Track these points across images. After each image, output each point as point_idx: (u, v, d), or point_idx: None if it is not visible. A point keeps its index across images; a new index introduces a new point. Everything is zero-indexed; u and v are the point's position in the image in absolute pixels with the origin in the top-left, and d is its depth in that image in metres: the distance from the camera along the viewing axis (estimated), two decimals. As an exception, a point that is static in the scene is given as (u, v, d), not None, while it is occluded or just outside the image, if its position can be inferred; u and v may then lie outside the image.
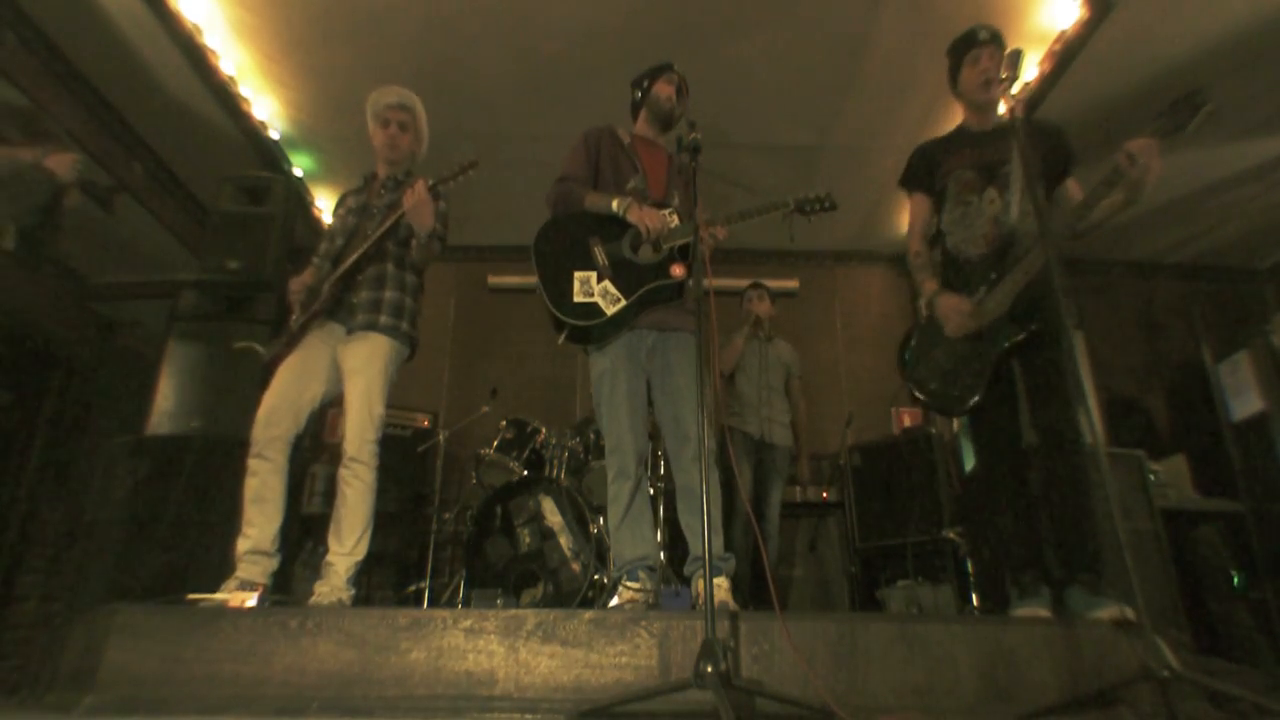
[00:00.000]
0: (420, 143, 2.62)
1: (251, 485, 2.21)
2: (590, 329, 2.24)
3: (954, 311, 2.21)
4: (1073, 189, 2.19)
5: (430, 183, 2.31)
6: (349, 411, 2.30)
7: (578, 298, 2.23)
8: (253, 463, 2.21)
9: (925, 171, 2.40)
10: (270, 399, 2.26)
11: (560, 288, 2.25)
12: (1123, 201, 1.96)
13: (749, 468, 3.69)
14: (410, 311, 2.46)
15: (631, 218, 2.26)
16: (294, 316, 2.41)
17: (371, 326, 2.34)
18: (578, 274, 2.26)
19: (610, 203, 2.31)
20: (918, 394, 2.35)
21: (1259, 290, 5.31)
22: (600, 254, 2.29)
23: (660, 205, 2.33)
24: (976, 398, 2.16)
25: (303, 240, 3.48)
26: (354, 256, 2.35)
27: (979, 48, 2.31)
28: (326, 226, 2.62)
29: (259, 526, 2.19)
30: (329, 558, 2.21)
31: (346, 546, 2.20)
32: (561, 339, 2.31)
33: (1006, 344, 2.13)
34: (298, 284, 2.45)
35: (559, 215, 2.40)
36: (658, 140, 2.57)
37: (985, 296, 2.17)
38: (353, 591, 2.20)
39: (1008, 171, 2.16)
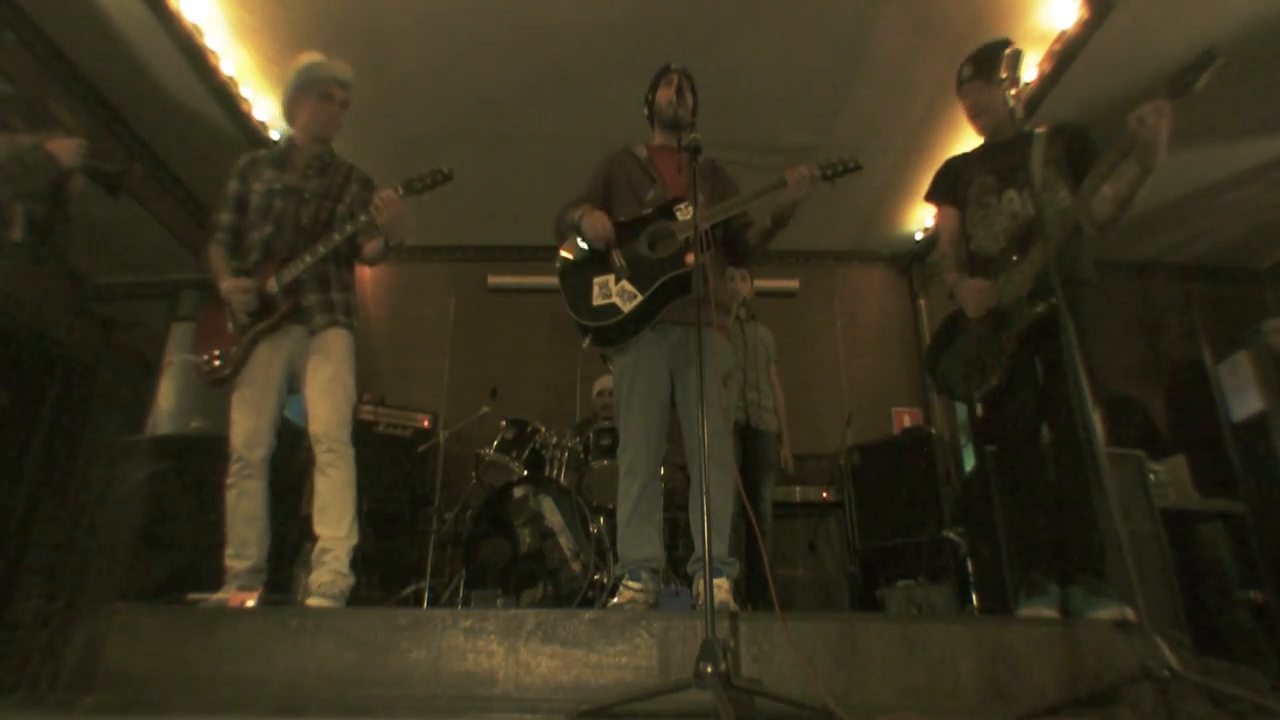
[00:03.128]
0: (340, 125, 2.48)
1: (244, 505, 2.17)
2: (608, 328, 2.27)
3: (973, 292, 2.25)
4: (1112, 155, 2.18)
5: (400, 190, 2.24)
6: (320, 396, 2.22)
7: (596, 301, 2.27)
8: (243, 483, 2.18)
9: (948, 184, 2.45)
10: (248, 421, 2.20)
11: (581, 295, 2.31)
12: (1139, 172, 1.97)
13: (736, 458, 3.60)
14: (355, 308, 2.42)
15: (584, 227, 2.31)
16: (237, 321, 2.27)
17: (334, 324, 2.31)
18: (596, 280, 2.31)
19: (575, 215, 2.35)
20: (938, 382, 2.40)
21: (1259, 290, 5.31)
22: (618, 257, 2.32)
23: (676, 202, 2.34)
24: (994, 382, 2.18)
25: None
26: (305, 263, 2.23)
27: (960, 88, 2.40)
28: (230, 193, 2.40)
29: (254, 545, 2.17)
30: (323, 544, 2.14)
31: (342, 531, 2.16)
32: (586, 343, 2.35)
33: (1026, 323, 2.12)
34: (241, 285, 2.24)
35: (561, 240, 2.44)
36: (673, 144, 2.57)
37: (1005, 279, 2.19)
38: (353, 579, 2.16)
39: (1025, 173, 2.19)
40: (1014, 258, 2.18)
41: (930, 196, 2.53)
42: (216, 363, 2.27)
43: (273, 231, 2.31)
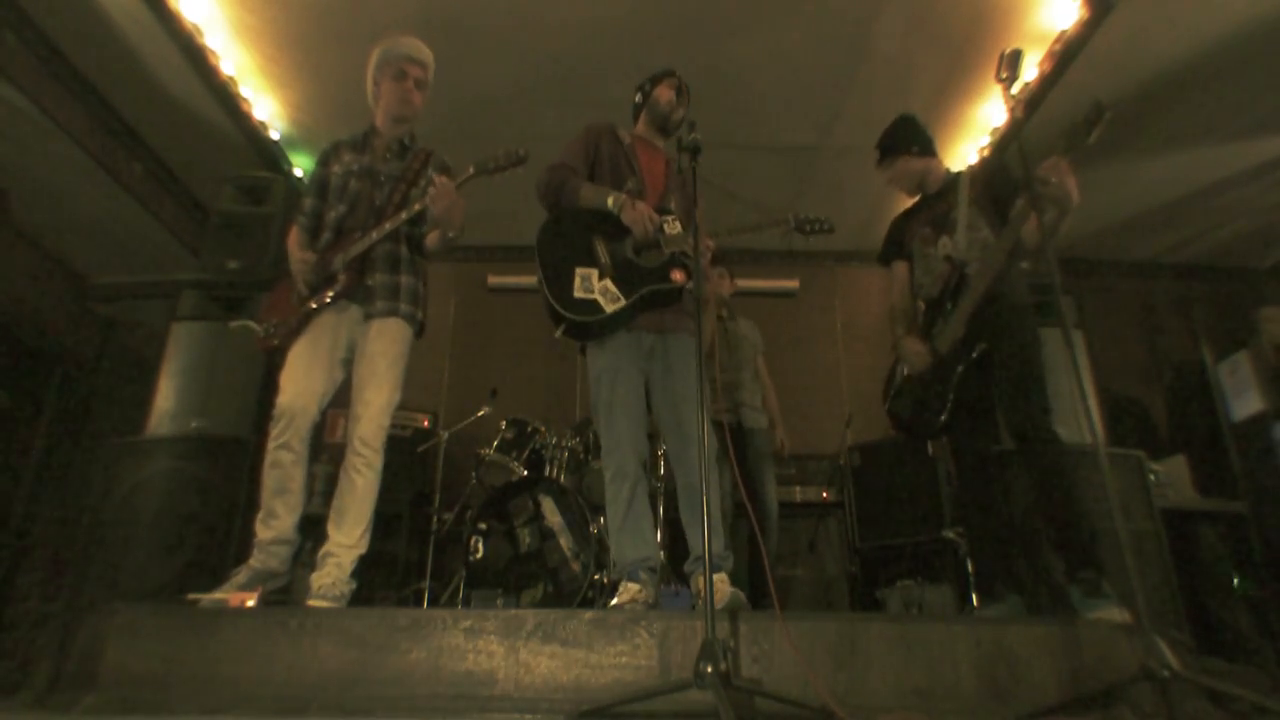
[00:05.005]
0: (420, 107, 2.47)
1: (275, 476, 2.12)
2: (588, 325, 2.24)
3: (910, 353, 2.47)
4: (1022, 208, 2.27)
5: (467, 175, 2.23)
6: (367, 395, 2.18)
7: (578, 294, 2.22)
8: (276, 454, 2.12)
9: (895, 242, 2.69)
10: (291, 388, 2.15)
11: (561, 282, 2.24)
12: (1056, 216, 2.05)
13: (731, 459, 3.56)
14: (423, 298, 2.39)
15: (625, 217, 2.28)
16: (298, 293, 2.27)
17: (394, 313, 2.27)
18: (579, 270, 2.25)
19: (606, 198, 2.31)
20: (894, 422, 2.59)
21: (1259, 290, 5.31)
22: (603, 252, 2.28)
23: (658, 210, 2.33)
24: (943, 419, 2.36)
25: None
26: (370, 239, 2.23)
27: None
28: (312, 177, 2.46)
29: (282, 518, 2.12)
30: (330, 547, 2.09)
31: (352, 538, 2.11)
32: (559, 333, 2.30)
33: (962, 365, 2.31)
34: (304, 257, 2.28)
35: (551, 206, 2.39)
36: (656, 143, 2.57)
37: (941, 329, 2.37)
38: (354, 585, 2.12)
39: (955, 217, 2.37)
40: (949, 305, 2.35)
41: (881, 259, 2.75)
42: (272, 329, 2.30)
43: (345, 211, 2.31)
